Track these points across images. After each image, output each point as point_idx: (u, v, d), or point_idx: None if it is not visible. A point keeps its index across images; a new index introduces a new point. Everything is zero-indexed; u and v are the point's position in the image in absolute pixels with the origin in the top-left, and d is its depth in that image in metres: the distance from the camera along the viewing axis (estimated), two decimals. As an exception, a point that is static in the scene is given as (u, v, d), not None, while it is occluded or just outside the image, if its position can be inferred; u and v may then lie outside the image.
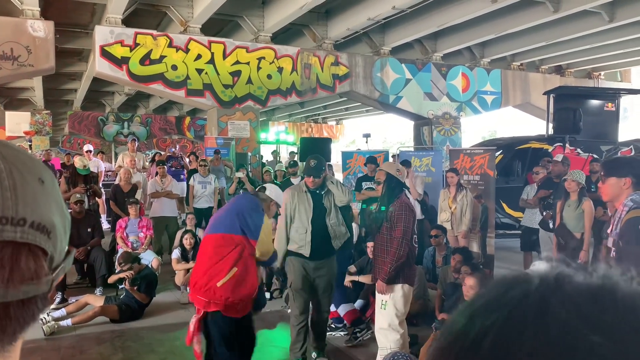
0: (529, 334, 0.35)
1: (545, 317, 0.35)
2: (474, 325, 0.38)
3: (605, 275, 0.38)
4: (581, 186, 5.78)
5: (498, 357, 0.35)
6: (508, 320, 0.36)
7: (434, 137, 16.37)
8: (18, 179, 0.52)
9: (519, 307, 0.37)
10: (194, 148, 21.48)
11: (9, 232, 0.50)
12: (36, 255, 0.53)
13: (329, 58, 14.61)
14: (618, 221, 3.21)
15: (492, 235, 7.83)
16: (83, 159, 8.40)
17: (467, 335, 0.38)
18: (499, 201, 9.01)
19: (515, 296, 0.38)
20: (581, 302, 0.36)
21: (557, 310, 0.35)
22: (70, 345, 5.17)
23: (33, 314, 0.53)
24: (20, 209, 0.51)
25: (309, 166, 4.49)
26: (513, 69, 18.32)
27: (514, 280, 0.40)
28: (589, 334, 0.33)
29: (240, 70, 13.41)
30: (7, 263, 0.50)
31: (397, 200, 4.14)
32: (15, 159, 0.54)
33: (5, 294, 0.49)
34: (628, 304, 0.35)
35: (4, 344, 0.52)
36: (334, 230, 4.48)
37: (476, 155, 8.23)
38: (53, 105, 22.84)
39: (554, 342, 0.34)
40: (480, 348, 0.36)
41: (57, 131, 27.09)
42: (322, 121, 31.40)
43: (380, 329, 4.08)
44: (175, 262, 7.08)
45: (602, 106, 12.08)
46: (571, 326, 0.34)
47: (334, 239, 4.49)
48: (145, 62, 12.32)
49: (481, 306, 0.39)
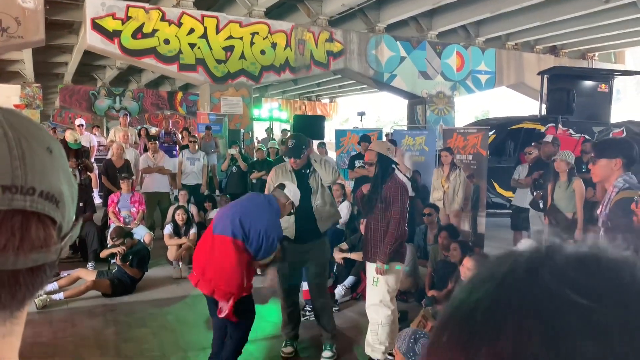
0: (516, 302, 0.36)
1: (532, 286, 0.36)
2: (470, 298, 0.39)
3: (593, 245, 0.39)
4: (570, 166, 5.82)
5: (489, 326, 0.36)
6: (498, 290, 0.38)
7: (428, 116, 16.35)
8: (27, 148, 0.53)
9: (508, 278, 0.38)
10: (186, 124, 21.35)
11: (19, 201, 0.51)
12: (45, 224, 0.54)
13: (323, 34, 14.46)
14: (608, 202, 3.25)
15: (482, 214, 7.89)
16: (74, 133, 8.33)
17: (462, 308, 0.39)
18: (490, 181, 9.05)
19: (506, 268, 0.39)
20: (568, 269, 0.37)
21: (544, 279, 0.36)
22: (62, 318, 5.20)
23: (42, 282, 0.54)
24: (30, 178, 0.52)
25: (288, 146, 4.34)
26: (508, 49, 18.24)
27: (507, 255, 0.41)
28: (576, 299, 0.34)
29: (234, 46, 13.26)
30: (17, 231, 0.51)
31: (391, 180, 4.10)
32: (24, 128, 0.54)
33: (15, 261, 0.50)
34: (612, 268, 0.37)
35: (12, 310, 0.54)
36: (319, 211, 4.29)
37: (469, 134, 8.25)
38: (43, 78, 22.53)
39: (541, 309, 0.35)
40: (473, 319, 0.37)
41: (48, 105, 26.79)
42: (316, 99, 31.22)
43: (371, 305, 4.12)
44: (167, 237, 7.09)
45: (595, 87, 12.09)
46: (557, 292, 0.35)
47: (319, 221, 4.29)
48: (137, 35, 12.15)
49: (477, 280, 0.40)
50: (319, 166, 4.31)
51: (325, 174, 4.29)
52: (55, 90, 24.00)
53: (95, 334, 4.84)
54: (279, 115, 18.94)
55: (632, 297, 0.35)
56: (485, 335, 0.36)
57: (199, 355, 4.37)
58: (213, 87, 13.13)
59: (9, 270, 0.51)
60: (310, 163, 4.36)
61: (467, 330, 0.37)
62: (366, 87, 22.86)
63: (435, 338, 0.40)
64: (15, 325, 0.55)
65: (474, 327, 0.37)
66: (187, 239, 7.04)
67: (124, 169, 8.20)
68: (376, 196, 4.08)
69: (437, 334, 0.40)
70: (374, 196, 4.10)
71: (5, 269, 0.50)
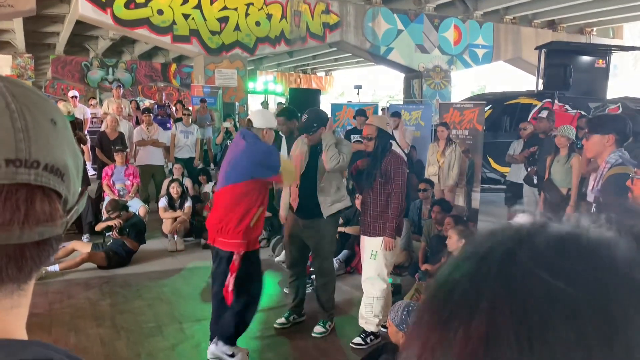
0: (492, 284, 0.36)
1: (508, 267, 0.36)
2: (450, 277, 0.39)
3: (575, 224, 0.39)
4: (571, 141, 5.81)
5: (465, 306, 0.36)
6: (476, 270, 0.38)
7: (424, 90, 16.27)
8: (30, 120, 0.52)
9: (487, 258, 0.38)
10: (180, 96, 21.16)
11: (23, 174, 0.50)
12: (50, 198, 0.53)
13: (319, 6, 14.27)
14: (600, 177, 3.26)
15: (477, 189, 7.91)
16: (67, 104, 8.25)
17: (443, 287, 0.39)
18: (485, 156, 9.05)
19: (486, 247, 0.39)
20: (546, 251, 0.36)
21: (521, 260, 0.36)
22: (57, 290, 5.22)
23: (48, 254, 0.55)
24: (34, 151, 0.51)
25: (302, 121, 4.33)
26: (505, 23, 18.07)
27: (490, 233, 0.41)
28: (549, 280, 0.34)
29: (228, 16, 13.07)
30: (22, 205, 0.51)
31: (390, 154, 4.09)
32: (27, 99, 0.53)
33: (20, 235, 0.50)
34: (591, 249, 0.36)
35: (20, 282, 0.54)
36: (322, 194, 4.25)
37: (466, 109, 8.21)
38: (35, 48, 22.18)
39: (515, 290, 0.35)
40: (452, 298, 0.37)
41: (40, 76, 26.44)
42: (311, 72, 30.95)
43: (367, 278, 4.14)
44: (162, 210, 7.09)
45: (592, 63, 12.02)
46: (532, 274, 0.35)
47: (322, 205, 4.24)
48: (130, 5, 11.95)
49: (459, 258, 0.40)
50: (324, 149, 4.14)
51: (326, 159, 4.13)
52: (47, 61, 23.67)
53: (91, 305, 4.87)
54: (274, 88, 18.77)
55: (607, 279, 0.34)
56: (462, 314, 0.36)
57: (194, 327, 4.42)
58: (207, 59, 12.98)
59: (15, 244, 0.51)
60: None
61: (447, 309, 0.37)
62: (362, 61, 22.66)
63: (417, 316, 0.40)
64: (22, 298, 0.56)
65: (452, 307, 0.37)
66: (182, 212, 7.05)
67: (117, 142, 8.14)
68: (376, 170, 4.04)
69: (419, 312, 0.40)
70: (374, 170, 4.05)
71: (11, 243, 0.50)
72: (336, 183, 4.32)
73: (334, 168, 4.14)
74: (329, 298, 4.42)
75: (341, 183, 4.36)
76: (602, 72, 12.06)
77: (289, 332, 4.39)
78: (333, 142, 4.16)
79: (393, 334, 2.85)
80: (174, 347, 4.04)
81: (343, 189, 4.35)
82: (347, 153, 4.16)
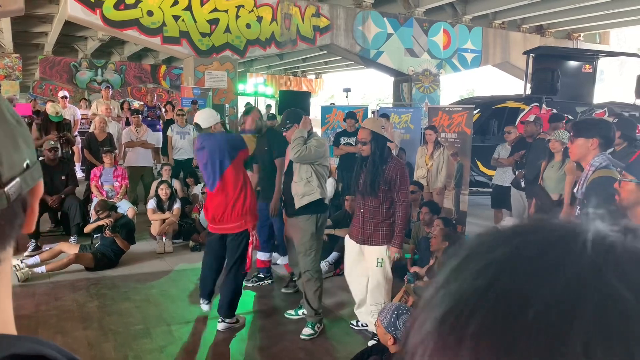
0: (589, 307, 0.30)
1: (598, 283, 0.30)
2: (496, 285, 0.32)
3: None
4: (565, 146, 5.80)
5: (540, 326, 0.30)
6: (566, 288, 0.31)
7: (413, 94, 16.35)
8: None
9: (576, 274, 0.31)
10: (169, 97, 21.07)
11: None
12: None
13: (309, 9, 14.30)
14: (584, 181, 3.30)
15: (465, 192, 7.96)
16: (56, 105, 8.19)
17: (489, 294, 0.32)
18: (474, 159, 9.13)
19: (568, 258, 0.32)
20: (629, 264, 0.31)
21: (610, 277, 0.30)
22: (44, 292, 5.18)
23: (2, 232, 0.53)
24: None
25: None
26: (494, 28, 18.22)
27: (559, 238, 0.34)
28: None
29: (218, 18, 13.06)
30: None
31: (393, 160, 4.03)
32: None
33: None
34: None
35: None
36: (294, 187, 4.38)
37: (454, 113, 8.27)
38: (23, 49, 21.99)
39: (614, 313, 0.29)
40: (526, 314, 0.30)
41: (28, 76, 26.22)
42: (302, 74, 30.98)
43: (376, 286, 4.11)
44: (151, 212, 7.06)
45: (579, 67, 12.17)
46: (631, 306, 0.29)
47: (295, 197, 4.38)
48: (119, 6, 11.90)
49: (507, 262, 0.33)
50: (291, 143, 4.39)
51: (289, 151, 4.55)
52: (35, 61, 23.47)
53: (79, 307, 4.84)
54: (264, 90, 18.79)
55: None
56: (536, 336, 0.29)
57: (182, 329, 4.41)
58: (197, 60, 12.96)
59: None
60: None
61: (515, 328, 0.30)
62: (352, 64, 22.73)
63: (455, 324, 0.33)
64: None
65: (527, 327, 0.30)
66: (170, 214, 7.02)
67: (106, 143, 8.10)
68: (379, 177, 3.98)
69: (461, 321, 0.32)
70: (377, 177, 3.98)
71: None
72: (306, 176, 4.35)
73: (295, 158, 4.30)
74: (312, 297, 4.40)
75: (312, 177, 4.33)
76: (589, 77, 12.21)
77: (276, 335, 4.39)
78: (299, 135, 4.29)
79: (382, 335, 2.87)
80: (162, 349, 4.02)
81: (314, 182, 4.34)
82: (315, 146, 4.28)
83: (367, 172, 4.05)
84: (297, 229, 4.45)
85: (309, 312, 4.41)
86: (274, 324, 4.61)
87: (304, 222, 4.39)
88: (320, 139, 4.50)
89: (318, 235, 4.45)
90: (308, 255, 4.42)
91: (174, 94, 22.20)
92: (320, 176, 4.38)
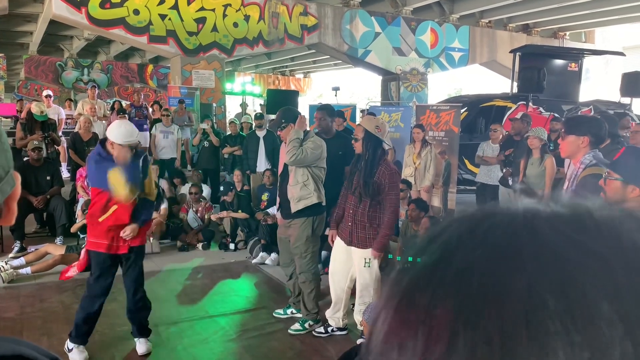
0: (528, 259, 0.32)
1: (539, 243, 0.33)
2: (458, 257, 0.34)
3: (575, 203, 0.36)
4: (543, 142, 5.89)
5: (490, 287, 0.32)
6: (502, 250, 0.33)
7: (401, 92, 16.38)
8: None
9: (511, 236, 0.34)
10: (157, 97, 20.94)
11: None
12: None
13: (297, 7, 14.27)
14: (574, 178, 3.31)
15: (453, 190, 7.99)
16: (40, 104, 8.09)
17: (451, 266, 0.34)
18: (461, 157, 9.15)
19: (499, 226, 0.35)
20: (566, 227, 0.34)
21: (544, 230, 0.33)
22: (29, 293, 5.12)
23: None
24: None
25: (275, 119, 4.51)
26: (481, 26, 18.32)
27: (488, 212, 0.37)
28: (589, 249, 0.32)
29: (205, 17, 12.99)
30: None
31: (384, 165, 3.98)
32: None
33: None
34: (608, 226, 0.34)
35: None
36: (290, 190, 4.32)
37: (442, 111, 8.29)
38: (7, 48, 21.73)
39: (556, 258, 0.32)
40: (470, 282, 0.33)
41: (12, 76, 25.92)
42: (290, 74, 30.93)
43: (364, 287, 4.10)
44: (137, 212, 7.00)
45: (565, 66, 12.26)
46: (574, 242, 0.32)
47: (290, 200, 4.31)
48: (105, 5, 11.79)
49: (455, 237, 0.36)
50: (286, 144, 4.26)
51: (284, 154, 4.31)
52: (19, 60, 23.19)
53: (64, 308, 4.78)
54: (252, 89, 18.70)
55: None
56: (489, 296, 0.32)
57: (169, 329, 4.38)
58: (184, 59, 12.88)
59: None
60: None
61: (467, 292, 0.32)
62: (340, 63, 22.73)
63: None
64: None
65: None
66: (157, 214, 6.97)
67: (92, 143, 8.00)
68: (370, 181, 3.94)
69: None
70: (368, 181, 3.95)
71: None
72: (302, 179, 4.28)
73: (290, 162, 4.23)
74: (308, 298, 4.42)
75: (308, 180, 4.27)
76: (575, 76, 12.31)
77: (265, 334, 4.37)
78: (295, 137, 4.20)
79: (368, 334, 2.87)
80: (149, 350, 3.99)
81: (310, 185, 4.28)
82: (311, 148, 4.19)
83: (360, 174, 4.02)
84: (292, 231, 4.41)
85: (304, 312, 4.43)
86: (263, 323, 4.58)
87: (300, 225, 4.35)
88: (317, 140, 4.36)
89: (314, 237, 4.44)
90: (304, 258, 4.40)
91: (161, 93, 22.06)
92: (316, 179, 4.34)
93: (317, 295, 4.48)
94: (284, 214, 4.52)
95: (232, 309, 4.89)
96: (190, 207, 7.43)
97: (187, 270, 6.10)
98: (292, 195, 4.30)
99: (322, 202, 4.39)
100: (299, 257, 4.41)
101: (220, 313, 4.78)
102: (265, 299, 5.24)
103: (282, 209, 4.54)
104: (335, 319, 4.33)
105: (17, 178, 0.57)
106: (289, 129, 4.34)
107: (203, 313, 4.77)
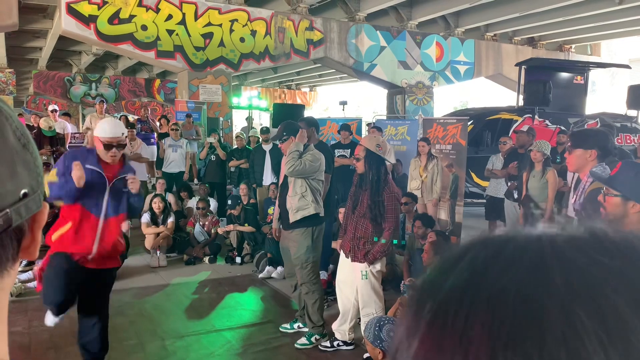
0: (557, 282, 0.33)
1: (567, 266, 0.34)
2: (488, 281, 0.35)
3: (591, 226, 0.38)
4: (546, 156, 5.90)
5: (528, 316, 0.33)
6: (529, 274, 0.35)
7: (407, 106, 16.42)
8: None
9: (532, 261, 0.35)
10: (164, 111, 21.10)
11: None
12: None
13: (303, 22, 14.38)
14: (582, 192, 3.30)
15: (461, 203, 7.97)
16: (49, 119, 8.18)
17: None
18: (468, 170, 9.15)
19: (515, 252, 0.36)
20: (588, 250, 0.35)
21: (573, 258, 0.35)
22: (37, 307, 5.12)
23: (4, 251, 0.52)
24: None
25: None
26: (486, 40, 18.37)
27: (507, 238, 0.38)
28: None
29: (212, 32, 13.12)
30: None
31: (387, 187, 4.03)
32: None
33: None
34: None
35: None
36: (288, 201, 4.36)
37: (449, 125, 8.30)
38: (17, 63, 21.99)
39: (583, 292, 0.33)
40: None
41: (22, 91, 26.21)
42: (296, 87, 31.10)
43: (368, 298, 4.11)
44: (144, 226, 7.03)
45: (571, 79, 12.27)
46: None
47: (289, 210, 4.35)
48: (114, 21, 11.93)
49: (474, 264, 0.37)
50: (286, 156, 4.34)
51: (283, 165, 4.37)
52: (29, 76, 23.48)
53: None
54: (259, 103, 18.79)
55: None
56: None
57: (176, 343, 4.37)
58: (191, 74, 12.99)
59: None
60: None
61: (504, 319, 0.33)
62: (346, 77, 22.84)
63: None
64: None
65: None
66: (164, 228, 7.00)
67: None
68: (380, 199, 3.98)
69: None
70: (377, 199, 3.99)
71: None
72: (300, 191, 4.33)
73: (289, 172, 4.27)
74: (313, 309, 4.41)
75: (307, 192, 4.30)
76: (581, 88, 12.32)
77: (271, 348, 4.35)
78: (294, 149, 4.27)
79: (371, 351, 2.86)
80: (156, 365, 3.98)
81: (308, 197, 4.31)
82: (309, 160, 4.25)
83: (365, 194, 4.06)
84: (293, 242, 4.44)
85: (309, 324, 4.41)
86: (269, 337, 4.57)
87: (300, 235, 4.39)
88: (316, 153, 4.41)
89: (315, 247, 4.44)
90: (305, 268, 4.41)
91: (168, 107, 22.22)
92: (315, 191, 4.37)
93: (321, 307, 4.48)
94: (284, 224, 4.56)
95: (238, 322, 4.88)
96: (197, 220, 7.45)
97: (194, 283, 6.10)
98: (291, 206, 4.35)
99: (320, 213, 4.43)
100: (299, 267, 4.42)
101: (227, 327, 4.78)
102: (272, 313, 5.23)
103: (282, 220, 4.59)
104: (341, 332, 4.31)
105: (45, 206, 0.57)
106: (290, 141, 4.40)
107: (210, 327, 4.76)
